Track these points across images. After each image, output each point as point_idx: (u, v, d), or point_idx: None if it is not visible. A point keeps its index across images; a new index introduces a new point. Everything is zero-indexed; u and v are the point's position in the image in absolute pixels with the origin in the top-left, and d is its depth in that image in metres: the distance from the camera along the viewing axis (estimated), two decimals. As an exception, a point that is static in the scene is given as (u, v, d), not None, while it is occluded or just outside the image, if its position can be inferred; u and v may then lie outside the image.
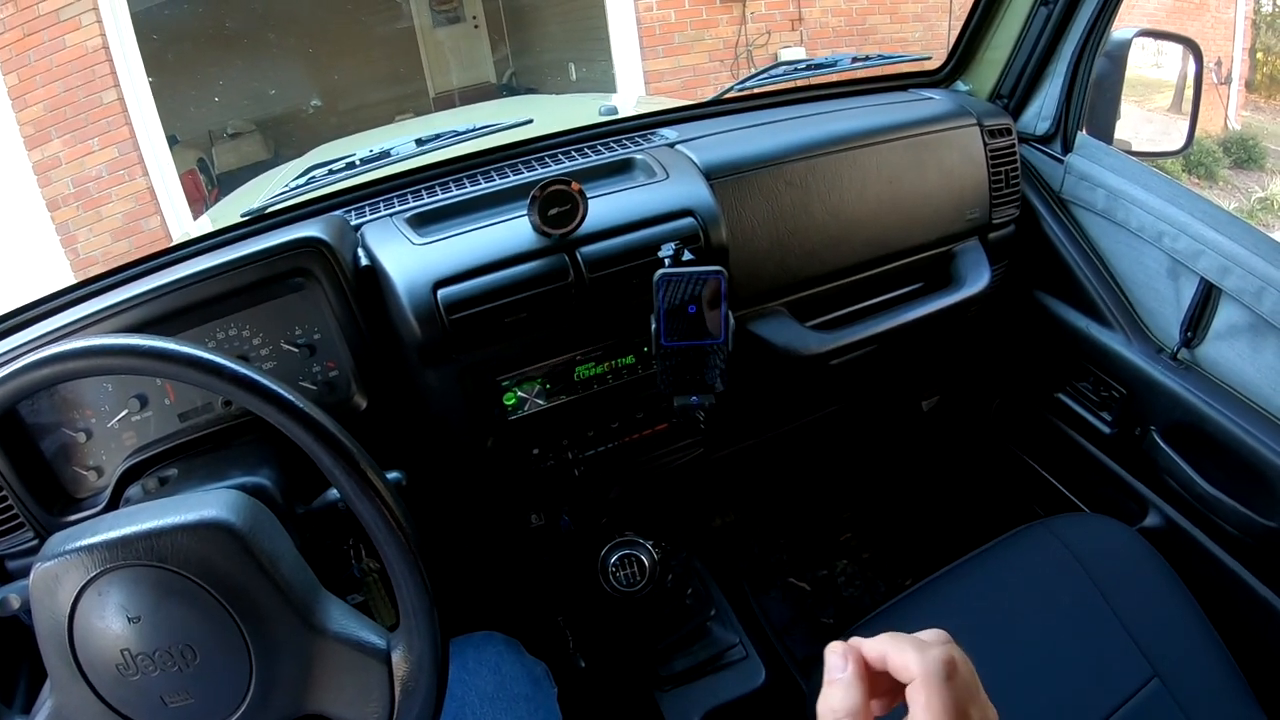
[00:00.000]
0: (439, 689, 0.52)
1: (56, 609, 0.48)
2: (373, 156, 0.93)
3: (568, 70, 5.53)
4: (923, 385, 1.34)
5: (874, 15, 4.78)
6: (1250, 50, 5.35)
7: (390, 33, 5.65)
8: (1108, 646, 0.80)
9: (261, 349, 0.72)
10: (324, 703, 0.52)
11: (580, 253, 0.75)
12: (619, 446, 0.85)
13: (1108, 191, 1.01)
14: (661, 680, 0.91)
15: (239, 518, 0.50)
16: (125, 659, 0.48)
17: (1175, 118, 1.20)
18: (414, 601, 0.51)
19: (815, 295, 0.95)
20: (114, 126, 3.70)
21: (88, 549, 0.47)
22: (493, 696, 0.76)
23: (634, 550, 0.90)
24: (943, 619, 0.83)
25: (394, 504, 0.50)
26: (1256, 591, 0.89)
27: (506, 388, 0.78)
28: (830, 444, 1.44)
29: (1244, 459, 0.86)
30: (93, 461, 0.71)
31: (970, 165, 1.01)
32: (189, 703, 0.49)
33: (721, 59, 4.59)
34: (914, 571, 1.38)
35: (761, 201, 0.88)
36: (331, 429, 0.49)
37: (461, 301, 0.71)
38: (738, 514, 1.46)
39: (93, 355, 0.48)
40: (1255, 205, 4.53)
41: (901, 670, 0.39)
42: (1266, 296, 0.84)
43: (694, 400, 0.72)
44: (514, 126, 0.99)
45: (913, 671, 0.38)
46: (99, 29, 3.58)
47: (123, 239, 3.81)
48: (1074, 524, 0.92)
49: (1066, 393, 1.12)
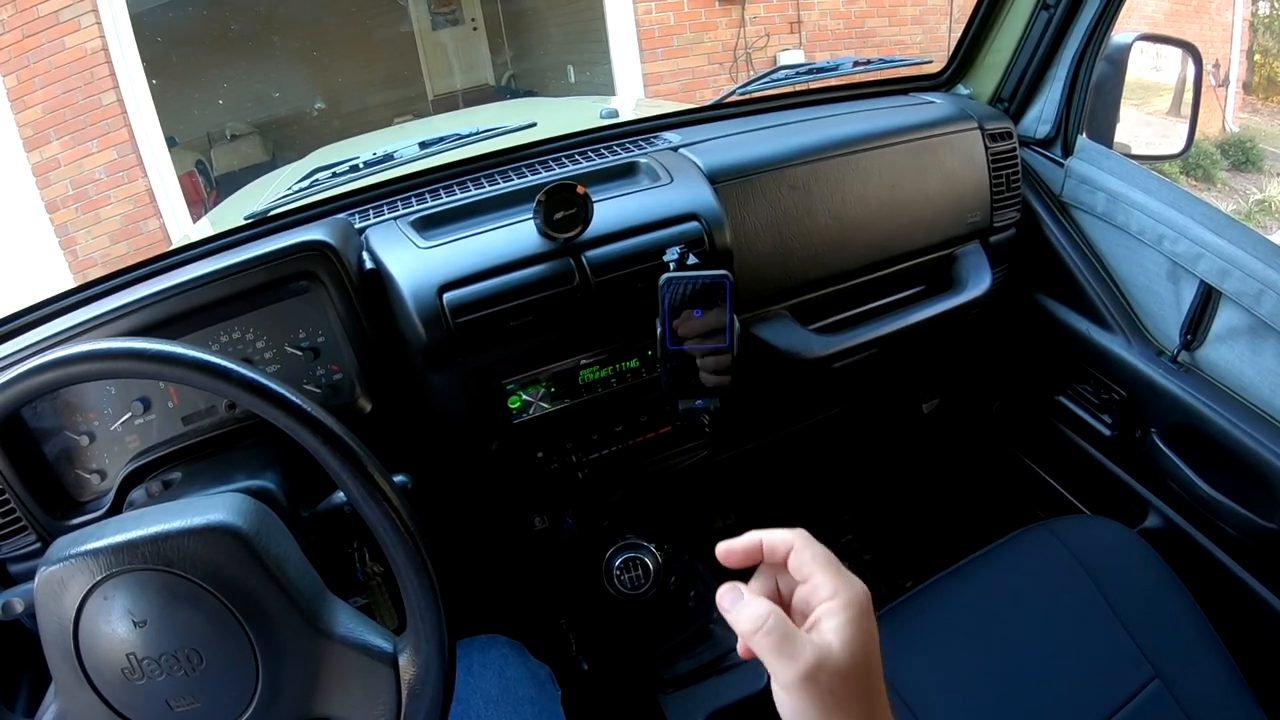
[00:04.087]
0: (446, 692, 0.51)
1: (62, 613, 0.47)
2: (376, 159, 0.93)
3: (566, 73, 5.54)
4: (924, 387, 1.34)
5: (873, 18, 4.79)
6: (1248, 53, 5.37)
7: (389, 35, 5.65)
8: (1108, 648, 0.80)
9: (265, 352, 0.72)
10: (330, 706, 0.52)
11: (585, 256, 0.75)
12: (623, 449, 0.85)
13: (1108, 195, 1.01)
14: (665, 683, 0.91)
15: (244, 521, 0.50)
16: (131, 663, 0.47)
17: (1174, 121, 1.21)
18: (421, 604, 0.51)
19: (818, 298, 0.96)
20: (113, 128, 3.69)
21: (93, 553, 0.47)
22: (497, 700, 0.76)
23: (638, 553, 0.90)
24: (944, 620, 0.84)
25: (401, 507, 0.50)
26: (1257, 593, 0.89)
27: (511, 391, 0.78)
28: (831, 446, 1.44)
29: (1244, 461, 0.86)
30: (96, 465, 0.71)
31: (971, 169, 1.01)
32: (195, 707, 0.49)
33: (720, 62, 4.60)
34: (915, 573, 1.38)
35: (765, 205, 0.88)
36: (338, 432, 0.49)
37: (467, 305, 0.71)
38: (739, 516, 1.46)
39: (98, 359, 0.48)
40: (1253, 208, 4.54)
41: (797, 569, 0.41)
42: (1266, 299, 0.85)
43: (699, 404, 0.72)
44: (518, 130, 0.99)
45: (830, 588, 0.39)
46: (98, 31, 3.57)
47: (121, 241, 3.80)
48: (1075, 526, 0.93)
49: (1067, 395, 1.13)
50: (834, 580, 0.40)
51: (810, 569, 0.40)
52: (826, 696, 0.37)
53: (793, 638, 0.38)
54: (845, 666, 0.37)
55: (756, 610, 0.39)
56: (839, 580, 0.40)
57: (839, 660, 0.37)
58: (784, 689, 0.38)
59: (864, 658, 0.38)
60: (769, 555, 0.42)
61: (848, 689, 0.37)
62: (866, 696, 0.38)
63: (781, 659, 0.37)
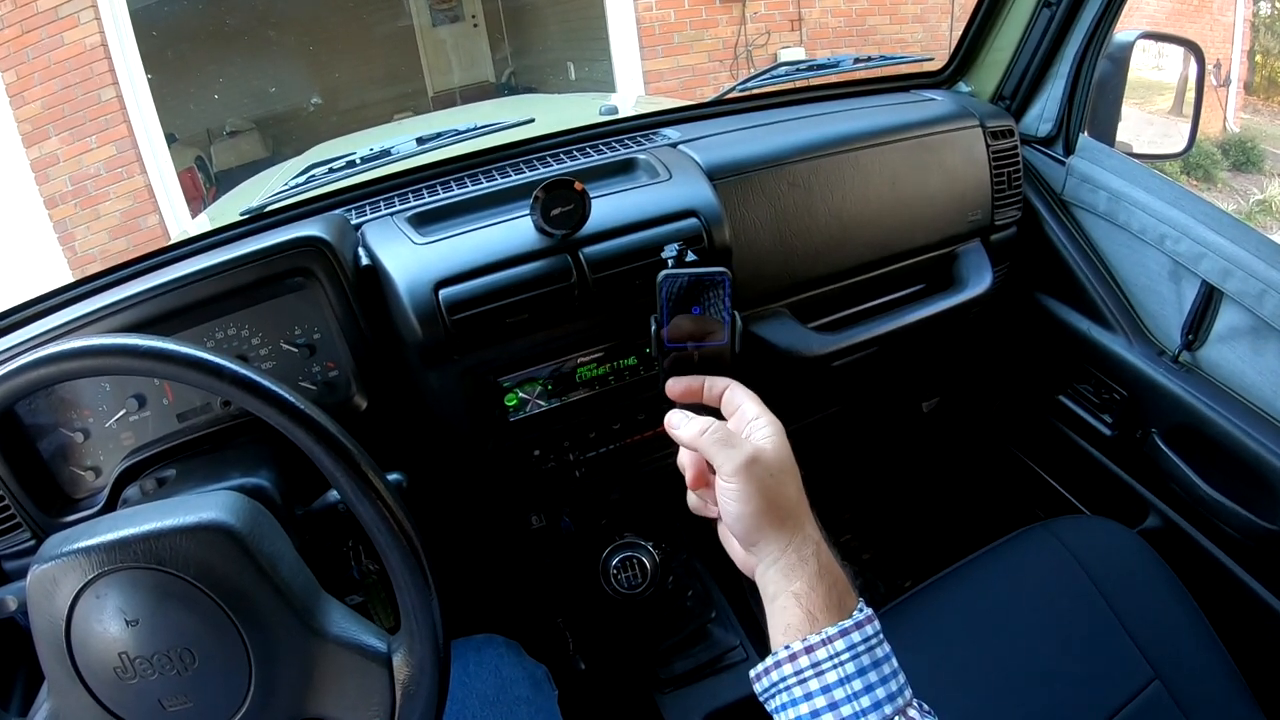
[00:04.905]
0: (440, 692, 0.51)
1: (54, 611, 0.47)
2: (373, 155, 0.93)
3: (567, 70, 5.53)
4: (924, 386, 1.33)
5: (874, 16, 4.78)
6: (1249, 53, 5.37)
7: (389, 31, 5.64)
8: (1108, 648, 0.80)
9: (260, 349, 0.72)
10: (324, 706, 0.51)
11: (583, 253, 0.74)
12: (620, 448, 0.85)
13: (1109, 194, 1.01)
14: (662, 682, 0.91)
15: (238, 520, 0.49)
16: (123, 662, 0.47)
17: (1176, 120, 1.20)
18: (416, 604, 0.50)
19: (817, 296, 0.95)
20: (112, 124, 3.69)
21: (86, 551, 0.47)
22: (493, 700, 0.76)
23: (635, 552, 0.89)
24: (943, 620, 0.84)
25: (396, 506, 0.49)
26: (1257, 594, 0.89)
27: (508, 389, 0.77)
28: (831, 445, 1.44)
29: (1244, 462, 0.86)
30: (90, 462, 0.71)
31: (972, 167, 1.01)
32: (188, 706, 0.48)
33: (721, 59, 4.59)
34: (914, 573, 1.38)
35: (764, 202, 0.88)
36: (333, 430, 0.49)
37: (463, 302, 0.71)
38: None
39: (91, 355, 0.47)
40: (1253, 208, 4.54)
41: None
42: (1268, 299, 0.84)
43: (697, 402, 0.71)
44: (515, 126, 0.99)
45: None
46: (97, 26, 3.57)
47: (120, 237, 3.80)
48: (1075, 526, 0.92)
49: (1067, 395, 1.12)
50: (759, 407, 0.51)
51: (740, 399, 0.51)
52: (761, 482, 0.47)
53: (732, 438, 0.49)
54: (774, 463, 0.48)
55: (703, 422, 0.50)
56: (763, 408, 0.51)
57: (769, 457, 0.48)
58: (727, 477, 0.48)
59: (788, 461, 0.49)
60: (707, 392, 0.53)
61: (776, 482, 0.48)
62: (793, 494, 0.49)
63: (725, 450, 0.48)
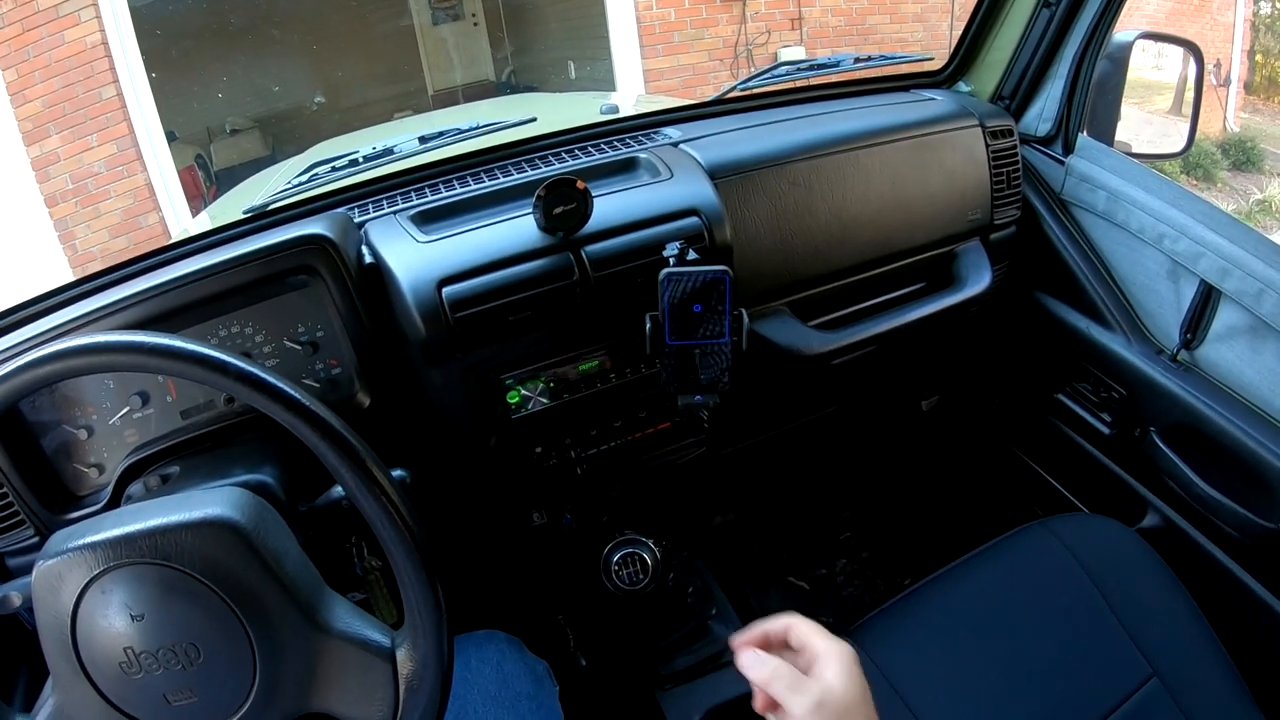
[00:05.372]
0: (444, 687, 0.51)
1: (59, 607, 0.47)
2: (376, 154, 0.93)
3: (567, 68, 5.52)
4: (923, 385, 1.34)
5: (874, 15, 4.78)
6: (1249, 52, 5.36)
7: (389, 30, 5.64)
8: (1106, 646, 0.80)
9: (264, 346, 0.72)
10: (328, 701, 0.52)
11: (585, 251, 0.75)
12: (622, 445, 0.85)
13: (1108, 193, 1.01)
14: (662, 679, 0.91)
15: (243, 515, 0.50)
16: (129, 657, 0.47)
17: (1176, 120, 1.20)
18: (419, 600, 0.50)
19: (817, 295, 0.96)
20: (113, 122, 3.69)
21: (91, 547, 0.47)
22: (495, 695, 0.76)
23: (636, 549, 0.89)
24: (942, 618, 0.84)
25: (400, 502, 0.50)
26: (1254, 592, 0.89)
27: (510, 386, 0.78)
28: (830, 443, 1.44)
29: (1243, 460, 0.86)
30: (94, 459, 0.71)
31: (972, 166, 1.01)
32: (192, 701, 0.49)
33: (721, 58, 4.59)
34: (913, 571, 1.38)
35: (765, 201, 0.88)
36: (338, 426, 0.49)
37: (466, 300, 0.71)
38: (738, 513, 1.46)
39: (97, 352, 0.48)
40: (1253, 208, 4.54)
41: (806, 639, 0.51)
42: (1266, 299, 0.84)
43: (698, 399, 0.72)
44: (517, 125, 0.99)
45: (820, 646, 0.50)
46: (98, 25, 3.56)
47: (121, 235, 3.79)
48: (1073, 524, 0.92)
49: (1066, 393, 1.12)
50: (827, 639, 0.51)
51: (804, 635, 0.51)
52: None
53: (800, 682, 0.49)
54: (842, 702, 0.47)
55: (773, 664, 0.50)
56: (831, 639, 0.51)
57: (840, 695, 0.48)
58: None
59: (860, 694, 0.48)
60: (771, 637, 0.53)
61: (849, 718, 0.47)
62: None
63: (794, 694, 0.48)
